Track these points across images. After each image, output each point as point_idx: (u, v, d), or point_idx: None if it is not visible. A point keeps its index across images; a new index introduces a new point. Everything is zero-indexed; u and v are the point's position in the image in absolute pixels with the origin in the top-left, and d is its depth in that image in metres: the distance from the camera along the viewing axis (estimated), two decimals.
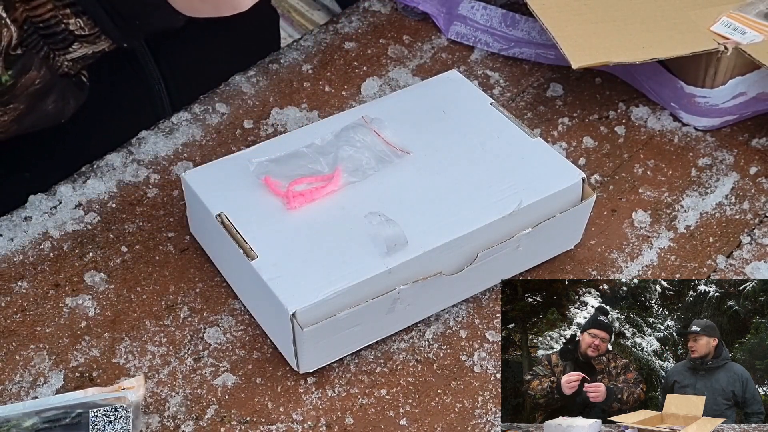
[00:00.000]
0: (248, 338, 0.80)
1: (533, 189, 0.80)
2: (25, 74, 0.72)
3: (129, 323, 0.81)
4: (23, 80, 0.72)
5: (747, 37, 0.94)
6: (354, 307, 0.74)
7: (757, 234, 0.89)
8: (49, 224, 0.88)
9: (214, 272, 0.84)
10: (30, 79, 0.72)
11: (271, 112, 0.98)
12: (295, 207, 0.79)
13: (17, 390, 0.77)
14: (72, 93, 0.78)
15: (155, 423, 0.75)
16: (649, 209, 0.91)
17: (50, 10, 0.70)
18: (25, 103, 0.74)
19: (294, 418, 0.75)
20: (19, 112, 0.75)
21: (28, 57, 0.71)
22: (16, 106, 0.74)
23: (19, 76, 0.71)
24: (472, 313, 0.82)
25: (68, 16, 0.71)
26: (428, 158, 0.83)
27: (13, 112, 0.75)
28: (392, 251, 0.75)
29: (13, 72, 0.71)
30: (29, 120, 0.76)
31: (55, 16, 0.70)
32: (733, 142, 0.97)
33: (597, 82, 1.03)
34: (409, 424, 0.75)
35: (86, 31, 0.71)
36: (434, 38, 1.08)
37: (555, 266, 0.86)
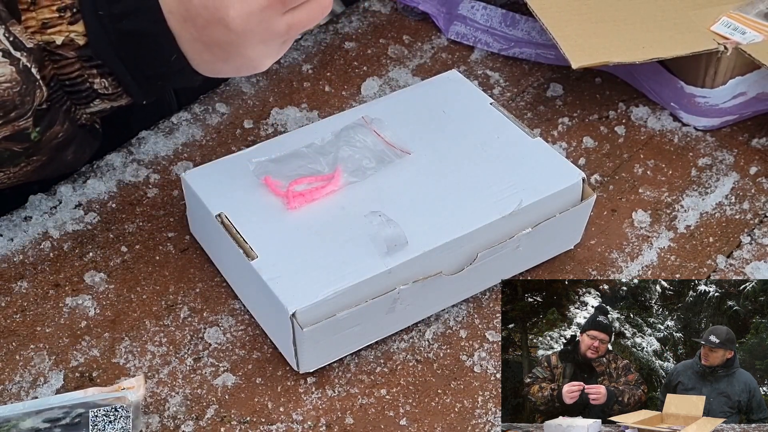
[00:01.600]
0: (248, 338, 0.80)
1: (533, 189, 0.80)
2: (51, 129, 0.75)
3: (129, 323, 0.81)
4: (48, 134, 0.75)
5: (747, 37, 0.94)
6: (354, 307, 0.74)
7: (757, 234, 0.89)
8: (49, 224, 0.88)
9: (214, 272, 0.84)
10: (54, 133, 0.76)
11: (271, 112, 0.98)
12: (295, 207, 0.79)
13: (17, 390, 0.77)
14: (88, 142, 0.81)
15: (155, 423, 0.75)
16: (649, 209, 0.91)
17: (77, 69, 0.74)
18: (47, 155, 0.77)
19: (294, 418, 0.75)
20: (41, 163, 0.78)
21: (53, 112, 0.75)
22: (39, 158, 0.77)
23: (45, 131, 0.75)
24: (472, 313, 0.82)
25: (94, 75, 0.74)
26: (428, 158, 0.83)
27: (35, 164, 0.78)
28: (392, 251, 0.75)
29: (41, 128, 0.74)
30: (49, 169, 0.80)
31: (81, 75, 0.74)
32: (733, 142, 0.97)
33: (597, 82, 1.03)
34: (409, 424, 0.75)
35: (109, 91, 0.75)
36: (434, 38, 1.08)
37: (555, 266, 0.86)
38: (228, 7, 0.69)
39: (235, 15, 0.69)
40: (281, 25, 0.71)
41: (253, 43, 0.72)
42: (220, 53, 0.73)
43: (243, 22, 0.70)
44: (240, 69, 0.75)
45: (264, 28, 0.71)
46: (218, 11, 0.70)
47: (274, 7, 0.70)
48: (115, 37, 0.72)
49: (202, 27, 0.71)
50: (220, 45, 0.72)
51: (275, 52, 0.74)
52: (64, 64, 0.73)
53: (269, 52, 0.74)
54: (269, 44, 0.73)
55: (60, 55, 0.73)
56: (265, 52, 0.73)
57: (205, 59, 0.74)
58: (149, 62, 0.74)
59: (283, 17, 0.71)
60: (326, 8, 0.72)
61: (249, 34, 0.71)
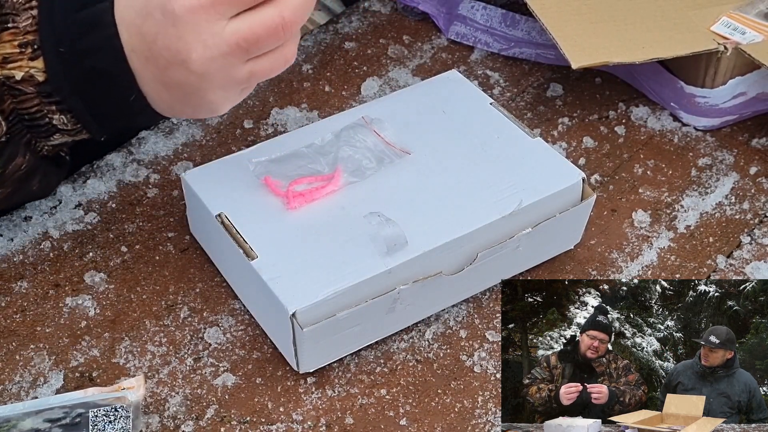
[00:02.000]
0: (248, 338, 0.80)
1: (533, 189, 0.80)
2: (13, 161, 0.75)
3: (129, 323, 0.81)
4: (11, 167, 0.75)
5: (747, 37, 0.94)
6: (354, 307, 0.74)
7: (757, 234, 0.89)
8: (49, 224, 0.88)
9: (214, 272, 0.84)
10: (17, 165, 0.75)
11: (271, 112, 0.98)
12: (295, 207, 0.79)
13: (17, 390, 0.77)
14: (53, 172, 0.81)
15: (155, 423, 0.75)
16: (649, 209, 0.91)
17: (36, 104, 0.73)
18: (11, 187, 0.77)
19: (294, 418, 0.75)
20: (5, 195, 0.78)
21: (13, 144, 0.74)
22: (3, 190, 0.77)
23: (7, 164, 0.74)
24: (472, 313, 0.82)
25: (53, 111, 0.74)
26: (428, 158, 0.83)
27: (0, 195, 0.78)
28: (392, 251, 0.75)
29: (2, 161, 0.74)
30: (16, 199, 0.80)
31: (40, 110, 0.73)
32: (733, 142, 0.97)
33: (597, 82, 1.03)
34: (409, 424, 0.75)
35: (68, 126, 0.75)
36: (434, 38, 1.08)
37: (555, 266, 0.86)
38: (190, 51, 0.68)
39: (196, 58, 0.68)
40: (242, 72, 0.71)
41: (213, 87, 0.71)
42: (180, 94, 0.72)
43: (204, 65, 0.69)
44: (198, 111, 0.75)
45: (225, 74, 0.70)
46: (180, 53, 0.69)
47: (236, 54, 0.69)
48: (76, 75, 0.71)
49: (164, 67, 0.70)
50: (180, 86, 0.71)
51: (235, 97, 0.74)
52: (23, 99, 0.72)
53: (229, 96, 0.73)
54: (229, 90, 0.72)
55: (19, 90, 0.72)
56: (224, 97, 0.73)
57: (164, 99, 0.73)
58: (109, 101, 0.73)
59: (245, 65, 0.70)
60: (289, 60, 0.72)
61: (209, 78, 0.70)
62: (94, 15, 0.70)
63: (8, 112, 0.72)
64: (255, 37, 0.68)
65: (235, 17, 0.68)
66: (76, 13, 0.71)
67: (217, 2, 0.67)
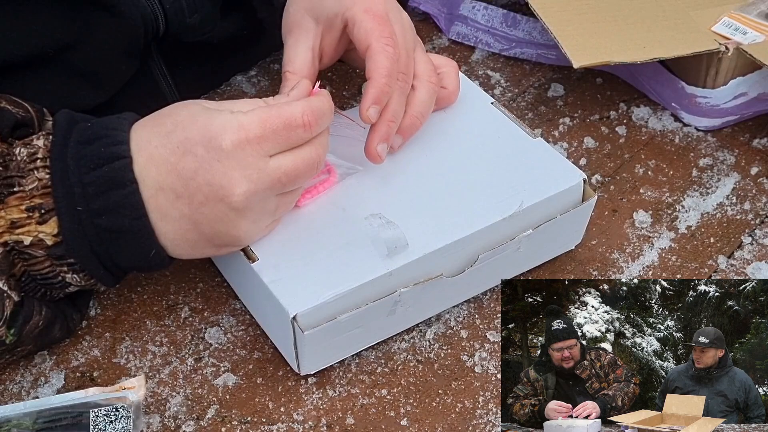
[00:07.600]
0: (249, 338, 0.80)
1: (534, 190, 0.80)
2: (28, 323, 0.73)
3: (130, 323, 0.81)
4: (27, 328, 0.73)
5: (748, 37, 0.94)
6: (355, 310, 0.74)
7: (758, 234, 0.89)
8: None
9: (215, 272, 0.85)
10: (33, 325, 0.74)
11: None
12: (301, 204, 0.79)
13: (18, 390, 0.77)
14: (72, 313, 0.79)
15: (156, 423, 0.75)
16: (650, 209, 0.91)
17: (48, 266, 0.71)
18: (32, 343, 0.76)
19: (295, 418, 0.75)
20: (27, 351, 0.77)
21: (28, 305, 0.73)
22: (23, 348, 0.75)
23: (22, 328, 0.73)
24: (473, 313, 0.82)
25: (66, 271, 0.72)
26: (428, 158, 0.83)
27: (21, 353, 0.76)
28: (393, 253, 0.75)
29: (16, 329, 0.72)
30: (37, 350, 0.79)
31: (52, 271, 0.72)
32: (734, 142, 0.97)
33: (598, 83, 1.03)
34: (409, 424, 0.75)
35: (83, 283, 0.74)
36: (435, 38, 1.08)
37: (556, 266, 0.86)
38: (234, 186, 0.69)
39: (240, 192, 0.69)
40: (273, 205, 0.73)
41: (247, 222, 0.72)
42: (209, 232, 0.72)
43: (246, 200, 0.70)
44: (221, 249, 0.75)
45: (261, 207, 0.72)
46: (223, 188, 0.69)
47: (276, 188, 0.71)
48: (92, 234, 0.70)
49: (200, 203, 0.70)
50: (212, 222, 0.71)
51: (263, 231, 0.75)
52: (34, 262, 0.71)
53: (258, 230, 0.74)
54: (259, 222, 0.73)
55: (29, 254, 0.70)
56: (253, 230, 0.74)
57: (189, 239, 0.72)
58: (126, 257, 0.72)
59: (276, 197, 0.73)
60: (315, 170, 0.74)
61: (247, 212, 0.71)
62: (112, 173, 0.69)
63: (20, 274, 0.71)
64: (297, 172, 0.71)
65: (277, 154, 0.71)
66: (92, 171, 0.69)
67: (263, 138, 0.69)
